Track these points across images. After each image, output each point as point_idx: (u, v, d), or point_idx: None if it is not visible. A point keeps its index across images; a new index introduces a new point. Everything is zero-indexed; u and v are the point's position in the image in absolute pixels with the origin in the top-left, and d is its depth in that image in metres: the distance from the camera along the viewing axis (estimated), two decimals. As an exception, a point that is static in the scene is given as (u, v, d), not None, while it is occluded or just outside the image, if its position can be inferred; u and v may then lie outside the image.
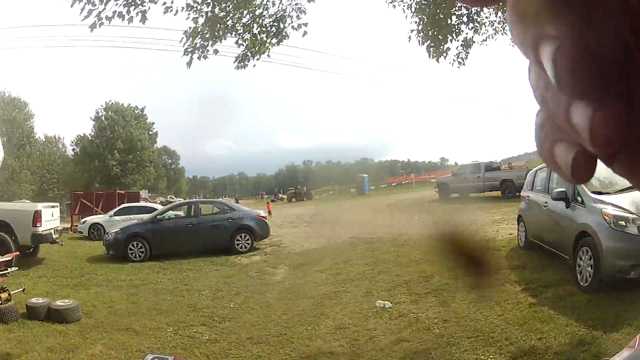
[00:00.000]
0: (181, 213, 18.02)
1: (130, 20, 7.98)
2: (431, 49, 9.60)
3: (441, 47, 9.64)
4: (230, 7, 8.35)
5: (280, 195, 70.84)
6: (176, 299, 10.39)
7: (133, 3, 7.82)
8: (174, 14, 8.39)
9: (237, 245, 16.59)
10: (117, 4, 7.93)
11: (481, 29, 10.73)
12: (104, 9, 7.98)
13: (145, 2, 7.98)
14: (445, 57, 9.88)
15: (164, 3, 8.22)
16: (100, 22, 8.05)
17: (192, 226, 16.82)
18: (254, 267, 13.69)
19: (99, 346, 7.49)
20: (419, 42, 9.57)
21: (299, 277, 11.88)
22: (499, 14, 10.56)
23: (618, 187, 9.12)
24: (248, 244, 16.72)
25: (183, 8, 8.35)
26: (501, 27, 10.88)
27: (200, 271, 13.52)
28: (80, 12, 8.03)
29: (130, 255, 15.80)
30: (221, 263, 14.62)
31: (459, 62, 10.24)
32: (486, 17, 10.58)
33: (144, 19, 8.03)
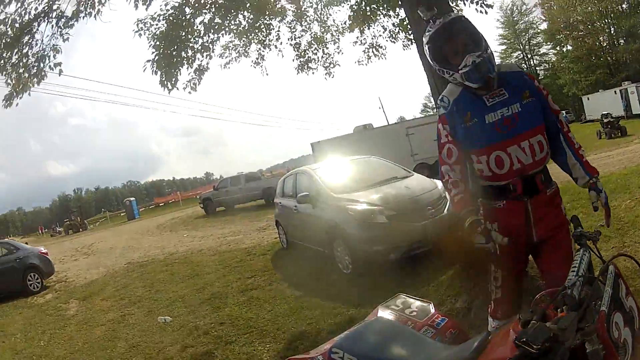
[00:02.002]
0: None
1: None
2: (163, 79, 9.83)
3: (172, 79, 9.88)
4: (2, 47, 8.28)
5: (57, 228, 67.08)
6: None
7: None
8: None
9: (30, 285, 15.91)
10: None
11: (224, 54, 11.22)
12: None
13: None
14: (177, 88, 10.11)
15: None
16: None
17: None
18: (49, 305, 13.38)
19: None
20: (152, 72, 9.77)
21: (88, 308, 11.74)
22: (242, 39, 11.18)
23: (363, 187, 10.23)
24: (39, 283, 16.14)
25: None
26: (244, 50, 11.46)
27: (9, 316, 13.09)
28: None
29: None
30: (22, 305, 14.20)
31: (192, 88, 10.57)
32: (230, 41, 11.08)
33: None
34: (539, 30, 74.83)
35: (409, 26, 11.11)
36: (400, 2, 8.27)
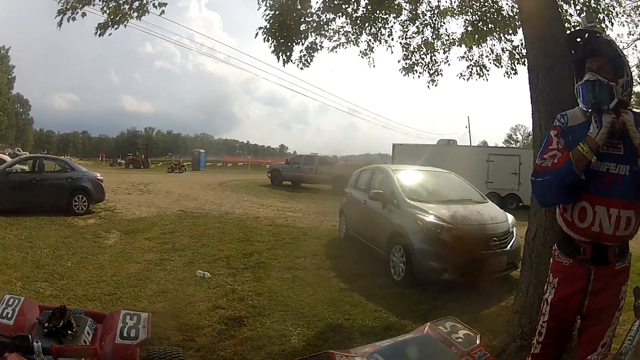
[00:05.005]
0: (26, 167, 17.16)
1: None
2: (277, 50, 9.84)
3: (287, 52, 9.90)
4: None
5: (119, 160, 68.70)
6: (21, 255, 10.27)
7: None
8: None
9: (75, 206, 16.28)
10: None
11: (333, 37, 11.15)
12: None
13: None
14: (292, 61, 10.18)
15: None
16: None
17: (35, 182, 16.10)
18: (89, 230, 13.63)
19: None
20: (264, 39, 9.80)
21: (128, 243, 11.95)
22: (354, 27, 11.16)
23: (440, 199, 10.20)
24: (85, 205, 16.49)
25: None
26: (354, 38, 11.35)
27: (42, 229, 13.33)
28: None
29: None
30: (60, 223, 14.43)
31: (304, 64, 10.70)
32: (341, 27, 11.04)
33: None
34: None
35: (517, 55, 10.95)
36: (521, 27, 8.04)
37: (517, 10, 8.87)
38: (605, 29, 9.62)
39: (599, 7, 9.85)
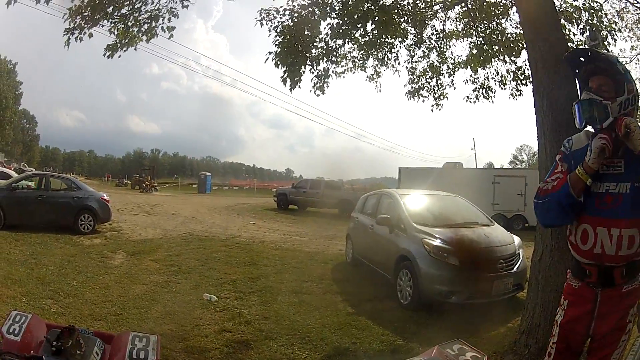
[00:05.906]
0: (32, 184, 17.10)
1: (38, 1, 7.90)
2: (286, 76, 9.90)
3: (296, 77, 10.02)
4: None
5: (125, 180, 68.48)
6: (27, 271, 10.26)
7: None
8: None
9: (81, 225, 16.24)
10: None
11: (341, 62, 11.28)
12: None
13: None
14: (294, 86, 10.26)
15: None
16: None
17: (42, 200, 16.12)
18: (94, 249, 13.60)
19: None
20: (275, 64, 9.85)
21: (134, 264, 11.91)
22: (361, 52, 11.28)
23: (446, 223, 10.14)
24: (91, 225, 16.43)
25: None
26: (361, 63, 11.56)
27: (47, 246, 13.29)
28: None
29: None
30: (65, 241, 14.40)
31: (320, 89, 10.85)
32: (348, 52, 11.22)
33: (48, 1, 7.98)
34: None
35: (521, 76, 11.03)
36: (525, 49, 8.08)
37: (521, 32, 8.94)
38: (608, 46, 9.67)
39: (601, 25, 9.96)
